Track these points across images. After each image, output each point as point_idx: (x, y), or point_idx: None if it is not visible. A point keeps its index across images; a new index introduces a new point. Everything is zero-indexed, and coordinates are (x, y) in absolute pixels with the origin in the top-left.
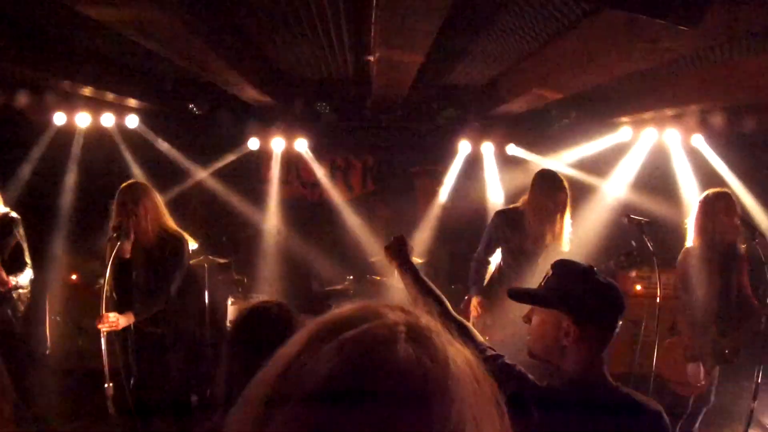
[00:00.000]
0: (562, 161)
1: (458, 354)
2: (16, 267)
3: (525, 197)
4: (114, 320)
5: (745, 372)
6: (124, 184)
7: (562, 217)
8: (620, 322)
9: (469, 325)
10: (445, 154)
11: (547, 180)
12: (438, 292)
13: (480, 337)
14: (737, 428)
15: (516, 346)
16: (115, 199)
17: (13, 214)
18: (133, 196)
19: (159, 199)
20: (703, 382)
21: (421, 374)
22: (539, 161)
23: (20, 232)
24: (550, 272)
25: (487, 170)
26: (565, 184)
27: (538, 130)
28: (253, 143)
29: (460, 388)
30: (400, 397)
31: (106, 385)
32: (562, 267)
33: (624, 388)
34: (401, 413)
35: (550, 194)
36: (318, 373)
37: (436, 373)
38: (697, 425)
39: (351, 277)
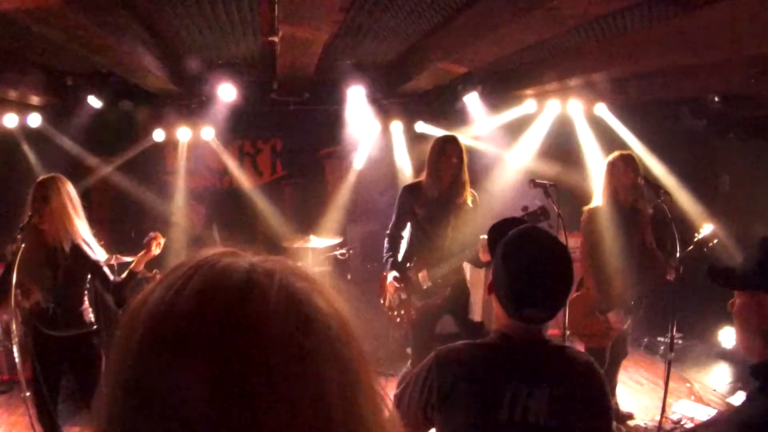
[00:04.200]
0: (470, 134)
1: (326, 303)
2: None
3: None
4: None
5: (660, 327)
6: (40, 178)
7: (462, 172)
8: None
9: None
10: (355, 135)
11: (440, 142)
12: None
13: None
14: (657, 381)
15: (432, 312)
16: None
17: None
18: (42, 193)
19: (71, 195)
20: (624, 327)
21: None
22: None
23: None
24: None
25: (396, 149)
26: (459, 142)
27: (446, 105)
28: (158, 134)
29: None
30: (232, 321)
31: (22, 395)
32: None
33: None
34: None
35: (444, 152)
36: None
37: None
38: (617, 376)
39: None
